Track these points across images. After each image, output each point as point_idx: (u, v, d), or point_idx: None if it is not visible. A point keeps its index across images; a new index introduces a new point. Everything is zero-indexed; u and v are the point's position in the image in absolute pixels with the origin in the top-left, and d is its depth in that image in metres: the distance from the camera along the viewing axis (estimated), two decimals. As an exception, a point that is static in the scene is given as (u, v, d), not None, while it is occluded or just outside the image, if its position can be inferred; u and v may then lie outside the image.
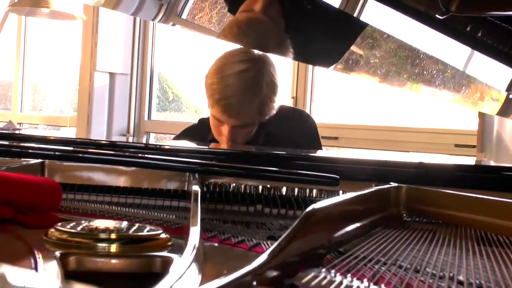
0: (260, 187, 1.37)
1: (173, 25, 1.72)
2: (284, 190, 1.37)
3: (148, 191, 1.36)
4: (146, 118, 4.44)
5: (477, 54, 1.52)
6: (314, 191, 1.36)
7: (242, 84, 1.93)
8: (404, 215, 1.19)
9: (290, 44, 1.60)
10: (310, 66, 3.59)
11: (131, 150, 1.50)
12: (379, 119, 3.52)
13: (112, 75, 4.35)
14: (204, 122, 2.18)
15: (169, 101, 4.70)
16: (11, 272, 0.72)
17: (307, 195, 1.35)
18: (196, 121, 2.31)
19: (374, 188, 1.13)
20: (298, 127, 2.15)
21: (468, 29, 1.42)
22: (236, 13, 1.58)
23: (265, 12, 1.50)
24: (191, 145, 1.88)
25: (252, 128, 2.03)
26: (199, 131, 2.18)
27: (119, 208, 1.26)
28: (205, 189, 1.36)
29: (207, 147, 1.59)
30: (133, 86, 4.41)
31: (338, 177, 1.22)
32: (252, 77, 1.94)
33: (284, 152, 1.57)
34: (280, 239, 0.69)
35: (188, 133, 2.20)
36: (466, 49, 1.52)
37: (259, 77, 1.95)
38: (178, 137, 2.22)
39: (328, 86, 3.70)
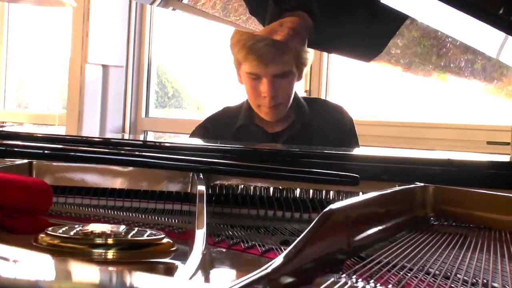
0: (272, 189, 1.38)
1: (174, 9, 1.73)
2: (298, 191, 1.38)
3: (147, 193, 1.36)
4: (143, 115, 4.45)
5: (511, 40, 1.51)
6: (332, 192, 1.36)
7: None
8: (431, 217, 1.19)
9: (329, 37, 1.65)
10: (325, 56, 3.60)
11: (127, 148, 1.50)
12: (402, 115, 3.52)
13: (105, 67, 4.36)
14: (229, 109, 2.28)
15: (169, 97, 4.71)
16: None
17: (324, 197, 1.35)
18: (198, 118, 2.34)
19: (397, 188, 1.13)
20: (337, 124, 2.23)
21: (500, 12, 1.42)
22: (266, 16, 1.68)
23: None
24: (195, 141, 1.88)
25: (292, 79, 2.12)
26: (224, 119, 2.25)
27: (115, 212, 1.27)
28: (210, 191, 1.37)
29: (214, 144, 1.59)
30: (128, 80, 4.42)
31: (358, 176, 1.22)
32: None
33: (297, 149, 1.57)
34: (295, 242, 0.70)
35: (212, 122, 2.26)
36: (499, 35, 1.51)
37: None
38: (199, 128, 2.25)
39: (344, 78, 3.70)
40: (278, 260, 0.65)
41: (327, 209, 0.76)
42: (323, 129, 2.18)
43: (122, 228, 0.90)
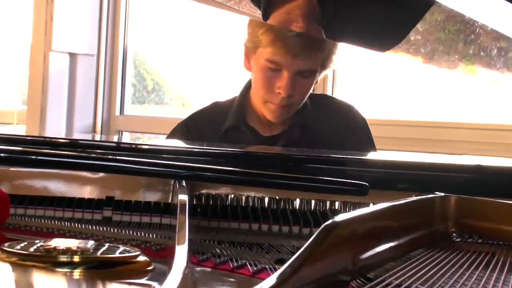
0: (267, 199, 1.39)
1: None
2: (297, 202, 1.39)
3: (121, 203, 1.37)
4: (117, 112, 4.46)
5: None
6: (337, 203, 1.38)
7: None
8: (453, 232, 1.20)
9: (340, 24, 1.66)
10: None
11: (98, 151, 1.51)
12: (422, 113, 3.53)
13: (73, 56, 4.36)
14: (220, 106, 2.27)
15: (148, 91, 4.72)
16: None
17: (328, 209, 1.37)
18: (183, 116, 2.34)
19: (413, 198, 1.14)
20: (347, 128, 2.22)
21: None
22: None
23: None
24: (177, 143, 1.89)
25: (313, 81, 2.13)
26: (211, 117, 2.25)
27: (83, 226, 1.28)
28: (194, 202, 1.38)
29: (199, 146, 1.60)
30: (100, 71, 4.42)
31: (366, 184, 1.23)
32: None
33: (297, 153, 1.58)
34: (291, 259, 0.71)
35: (195, 120, 2.26)
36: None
37: None
38: (180, 127, 2.25)
39: (354, 70, 3.72)
40: (271, 281, 0.66)
41: (329, 221, 0.78)
42: (330, 134, 2.18)
43: (90, 244, 0.92)
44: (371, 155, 1.79)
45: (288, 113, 2.14)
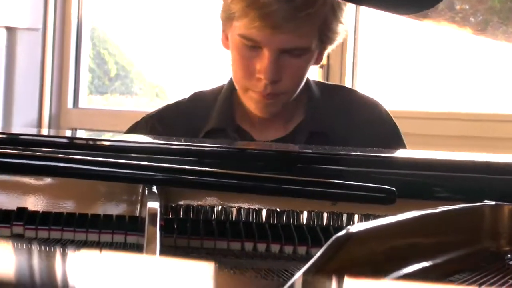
0: (264, 211, 1.39)
1: None
2: (304, 215, 1.39)
3: (73, 218, 1.37)
4: (70, 104, 4.46)
5: None
6: (356, 216, 1.38)
7: None
8: (508, 252, 1.21)
9: None
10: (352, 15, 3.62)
11: (45, 149, 1.52)
12: (463, 103, 3.54)
13: (11, 31, 4.37)
14: (201, 99, 2.22)
15: (111, 78, 4.72)
16: None
17: (344, 223, 1.37)
18: (159, 106, 2.29)
19: (453, 207, 1.15)
20: (373, 132, 2.17)
21: None
22: None
23: None
24: (148, 140, 1.89)
25: (308, 60, 2.07)
26: (188, 112, 2.20)
27: (25, 246, 1.28)
28: (171, 215, 1.38)
29: (176, 142, 1.61)
30: (47, 50, 4.42)
31: (393, 189, 1.24)
32: None
33: (305, 150, 1.59)
34: (289, 282, 0.71)
35: (166, 113, 2.21)
36: None
37: None
38: (141, 126, 2.20)
39: (379, 49, 3.72)
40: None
41: (342, 232, 0.78)
42: (348, 142, 2.06)
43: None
44: (402, 154, 1.79)
45: (278, 104, 2.08)
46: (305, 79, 2.11)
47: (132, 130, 2.20)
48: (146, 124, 2.19)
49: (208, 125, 2.13)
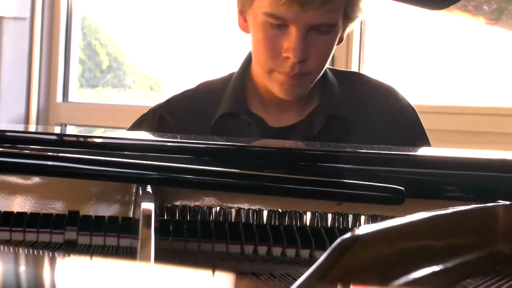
0: (266, 212, 1.39)
1: None
2: (308, 216, 1.39)
3: (62, 219, 1.37)
4: (59, 98, 4.46)
5: None
6: (362, 218, 1.38)
7: None
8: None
9: None
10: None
11: (33, 146, 1.51)
12: (475, 97, 3.53)
13: (-3, 21, 4.37)
14: (210, 87, 2.24)
15: (103, 70, 4.72)
16: None
17: (350, 224, 1.37)
18: (151, 103, 2.30)
19: (466, 208, 1.14)
20: (392, 119, 2.19)
21: None
22: None
23: None
24: (143, 136, 1.89)
25: (334, 37, 2.10)
26: (198, 100, 2.21)
27: (12, 249, 1.28)
28: (166, 216, 1.38)
29: (173, 140, 1.60)
30: (35, 41, 4.42)
31: (402, 189, 1.23)
32: None
33: (308, 147, 1.59)
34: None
35: (175, 103, 2.22)
36: None
37: None
38: (149, 118, 2.20)
39: (388, 38, 3.72)
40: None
41: (347, 235, 0.78)
42: (367, 126, 2.15)
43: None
44: (406, 150, 1.79)
45: (304, 85, 2.09)
46: (330, 59, 2.13)
47: (139, 124, 2.22)
48: (154, 115, 2.20)
49: (220, 110, 2.15)
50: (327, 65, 2.13)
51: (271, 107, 2.16)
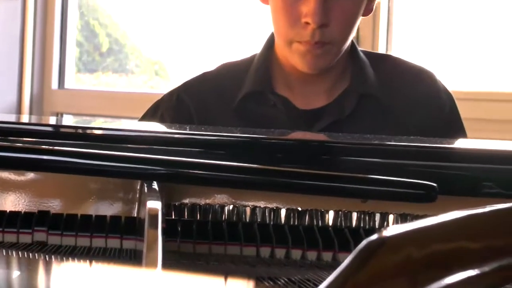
0: (283, 211, 1.39)
1: None
2: (330, 214, 1.38)
3: (60, 219, 1.37)
4: (54, 85, 4.47)
5: None
6: (391, 216, 1.37)
7: None
8: None
9: None
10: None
11: (28, 139, 1.52)
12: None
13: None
14: (231, 68, 2.27)
15: (102, 53, 4.73)
16: None
17: (377, 225, 1.37)
18: (156, 90, 2.32)
19: (505, 205, 1.14)
20: (428, 103, 2.21)
21: None
22: None
23: None
24: (149, 127, 1.89)
25: (359, 3, 2.12)
26: (219, 81, 2.23)
27: (4, 252, 1.28)
28: (174, 215, 1.38)
29: (181, 131, 1.60)
30: (28, 22, 4.43)
31: (434, 185, 1.23)
32: None
33: (331, 139, 1.58)
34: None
35: (194, 85, 2.25)
36: None
37: None
38: (168, 99, 2.21)
39: (419, 15, 3.72)
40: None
41: (373, 236, 0.77)
42: (401, 110, 2.17)
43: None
44: (438, 142, 1.78)
45: (327, 57, 2.10)
46: (355, 29, 2.15)
47: (155, 109, 2.24)
48: (171, 97, 2.23)
49: (243, 90, 2.17)
50: (352, 35, 2.14)
51: (298, 87, 2.18)
